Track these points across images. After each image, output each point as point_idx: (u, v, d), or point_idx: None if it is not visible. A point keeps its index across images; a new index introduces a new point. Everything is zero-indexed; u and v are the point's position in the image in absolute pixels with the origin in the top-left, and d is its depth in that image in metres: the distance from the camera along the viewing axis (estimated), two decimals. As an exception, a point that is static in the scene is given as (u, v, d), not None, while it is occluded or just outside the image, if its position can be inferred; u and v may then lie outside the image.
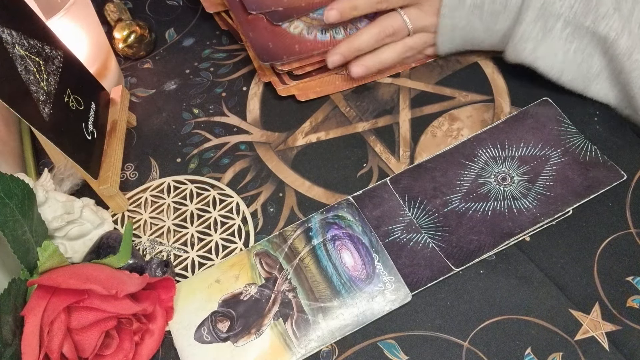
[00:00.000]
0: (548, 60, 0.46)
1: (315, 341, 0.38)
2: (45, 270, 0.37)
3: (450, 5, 0.46)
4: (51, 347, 0.34)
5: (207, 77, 0.56)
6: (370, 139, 0.49)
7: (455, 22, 0.47)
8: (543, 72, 0.46)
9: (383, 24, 0.49)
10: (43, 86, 0.40)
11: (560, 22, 0.44)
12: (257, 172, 0.48)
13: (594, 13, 0.42)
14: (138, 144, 0.52)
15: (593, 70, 0.45)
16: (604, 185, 0.43)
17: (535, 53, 0.46)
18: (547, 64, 0.46)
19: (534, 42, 0.45)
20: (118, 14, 0.58)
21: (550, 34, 0.44)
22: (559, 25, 0.44)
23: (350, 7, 0.48)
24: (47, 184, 0.41)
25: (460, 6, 0.46)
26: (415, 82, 0.52)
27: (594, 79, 0.45)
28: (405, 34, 0.50)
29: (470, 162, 0.46)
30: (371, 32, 0.49)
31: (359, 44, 0.49)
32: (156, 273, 0.41)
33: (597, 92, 0.46)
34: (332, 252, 0.42)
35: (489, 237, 0.41)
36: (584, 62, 0.45)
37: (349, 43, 0.49)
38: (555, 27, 0.44)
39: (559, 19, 0.43)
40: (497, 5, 0.45)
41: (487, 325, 0.38)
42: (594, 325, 0.37)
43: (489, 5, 0.45)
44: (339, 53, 0.49)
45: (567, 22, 0.43)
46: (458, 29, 0.48)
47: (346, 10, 0.48)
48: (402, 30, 0.49)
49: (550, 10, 0.43)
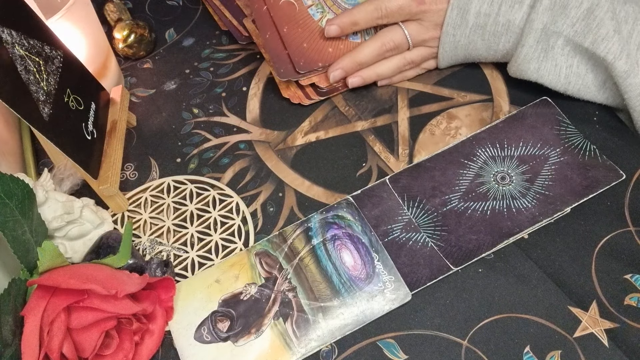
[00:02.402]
0: (552, 76, 0.46)
1: (315, 341, 0.39)
2: (45, 270, 0.37)
3: (453, 24, 0.47)
4: (51, 347, 0.34)
5: (207, 77, 0.56)
6: (369, 138, 0.49)
7: (457, 39, 0.48)
8: (549, 86, 0.47)
9: (384, 39, 0.49)
10: (43, 86, 0.41)
11: (562, 40, 0.44)
12: (257, 171, 0.48)
13: (594, 34, 0.42)
14: (138, 144, 0.52)
15: (598, 80, 0.45)
16: (603, 184, 0.43)
17: (539, 72, 0.46)
18: (551, 80, 0.46)
19: (537, 62, 0.45)
20: (118, 14, 0.58)
21: (553, 51, 0.45)
22: (560, 42, 0.44)
23: (350, 22, 0.49)
24: (47, 184, 0.41)
25: (463, 25, 0.46)
26: (413, 83, 0.52)
27: (601, 88, 0.45)
28: (406, 47, 0.50)
29: (469, 162, 0.46)
30: (372, 47, 0.50)
31: (361, 58, 0.50)
32: (156, 273, 0.41)
33: (607, 99, 0.46)
34: (332, 251, 0.42)
35: (487, 236, 0.42)
36: (588, 72, 0.45)
37: (351, 57, 0.50)
38: (556, 44, 0.44)
39: (560, 36, 0.44)
40: (500, 27, 0.45)
41: (486, 324, 0.38)
42: (592, 323, 0.38)
43: (492, 26, 0.46)
44: (340, 68, 0.50)
45: (567, 40, 0.44)
46: (460, 46, 0.48)
47: (346, 25, 0.49)
48: (403, 44, 0.50)
49: (553, 29, 0.44)
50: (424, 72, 0.53)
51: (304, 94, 0.52)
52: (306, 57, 0.50)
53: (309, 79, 0.51)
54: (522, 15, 0.44)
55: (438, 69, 0.53)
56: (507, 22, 0.45)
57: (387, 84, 0.52)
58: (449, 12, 0.46)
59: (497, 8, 0.45)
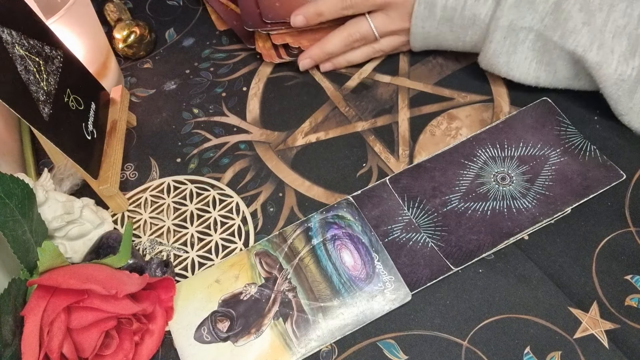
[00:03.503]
0: (522, 69, 0.46)
1: (315, 341, 0.39)
2: (45, 270, 0.37)
3: (422, 17, 0.47)
4: (51, 347, 0.34)
5: (207, 77, 0.56)
6: (369, 138, 0.49)
7: (427, 30, 0.48)
8: (519, 81, 0.47)
9: (350, 30, 0.50)
10: (43, 86, 0.41)
11: (532, 35, 0.44)
12: (257, 172, 0.48)
13: (562, 27, 0.43)
14: (138, 144, 0.52)
15: (571, 74, 0.45)
16: (603, 185, 0.43)
17: (509, 65, 0.46)
18: (521, 74, 0.46)
19: (506, 56, 0.46)
20: (118, 14, 0.58)
21: (523, 45, 0.45)
22: (531, 37, 0.44)
23: (315, 13, 0.50)
24: (47, 184, 0.41)
25: (431, 17, 0.47)
26: (414, 82, 0.52)
27: (574, 79, 0.46)
28: (372, 38, 0.51)
29: (470, 162, 0.46)
30: (340, 37, 0.51)
31: (329, 48, 0.51)
32: (156, 273, 0.41)
33: (582, 86, 0.46)
34: (332, 251, 0.42)
35: (488, 236, 0.41)
36: (559, 67, 0.45)
37: (320, 47, 0.51)
38: (527, 38, 0.44)
39: (531, 31, 0.44)
40: (466, 21, 0.46)
41: (486, 324, 0.38)
42: (593, 324, 0.38)
43: (458, 19, 0.46)
44: (309, 57, 0.52)
45: (538, 35, 0.44)
46: (431, 37, 0.49)
47: (312, 16, 0.50)
48: (369, 35, 0.50)
49: (521, 25, 0.44)
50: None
51: (276, 53, 0.53)
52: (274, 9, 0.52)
53: (282, 37, 0.52)
54: (487, 11, 0.45)
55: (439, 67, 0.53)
56: (473, 15, 0.45)
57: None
58: (417, 5, 0.47)
59: (462, 2, 0.45)
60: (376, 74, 0.54)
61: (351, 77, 0.54)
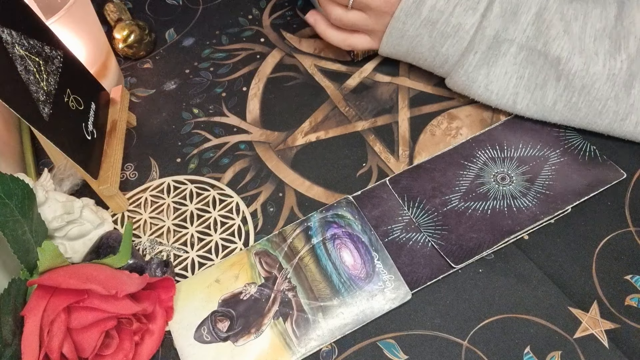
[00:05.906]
0: (501, 83, 0.45)
1: (315, 340, 0.39)
2: (45, 270, 0.37)
3: (407, 11, 0.45)
4: (51, 347, 0.34)
5: (207, 77, 0.56)
6: (369, 138, 0.49)
7: (407, 28, 0.46)
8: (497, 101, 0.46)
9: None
10: (43, 86, 0.41)
11: (514, 47, 0.44)
12: (257, 172, 0.48)
13: (545, 36, 0.43)
14: (138, 144, 0.52)
15: (548, 100, 0.44)
16: (604, 184, 0.43)
17: (489, 77, 0.45)
18: (500, 88, 0.45)
19: (487, 68, 0.45)
20: (118, 14, 0.58)
21: (505, 57, 0.44)
22: (513, 49, 0.44)
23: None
24: (47, 184, 0.41)
25: (416, 14, 0.45)
26: (414, 82, 0.52)
27: (551, 109, 0.45)
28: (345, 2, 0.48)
29: (469, 163, 0.46)
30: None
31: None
32: (156, 273, 0.41)
33: (559, 120, 0.45)
34: (331, 251, 0.42)
35: (488, 234, 0.41)
36: (537, 89, 0.44)
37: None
38: (509, 51, 0.44)
39: (513, 43, 0.44)
40: (449, 28, 0.45)
41: (486, 324, 0.38)
42: (593, 323, 0.38)
43: (442, 25, 0.45)
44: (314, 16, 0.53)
45: (520, 46, 0.44)
46: (407, 37, 0.47)
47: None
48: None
49: (504, 37, 0.44)
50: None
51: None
52: None
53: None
54: (474, 22, 0.44)
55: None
56: (458, 24, 0.44)
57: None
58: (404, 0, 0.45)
59: (451, 8, 0.44)
60: (376, 74, 0.54)
61: (351, 77, 0.54)
